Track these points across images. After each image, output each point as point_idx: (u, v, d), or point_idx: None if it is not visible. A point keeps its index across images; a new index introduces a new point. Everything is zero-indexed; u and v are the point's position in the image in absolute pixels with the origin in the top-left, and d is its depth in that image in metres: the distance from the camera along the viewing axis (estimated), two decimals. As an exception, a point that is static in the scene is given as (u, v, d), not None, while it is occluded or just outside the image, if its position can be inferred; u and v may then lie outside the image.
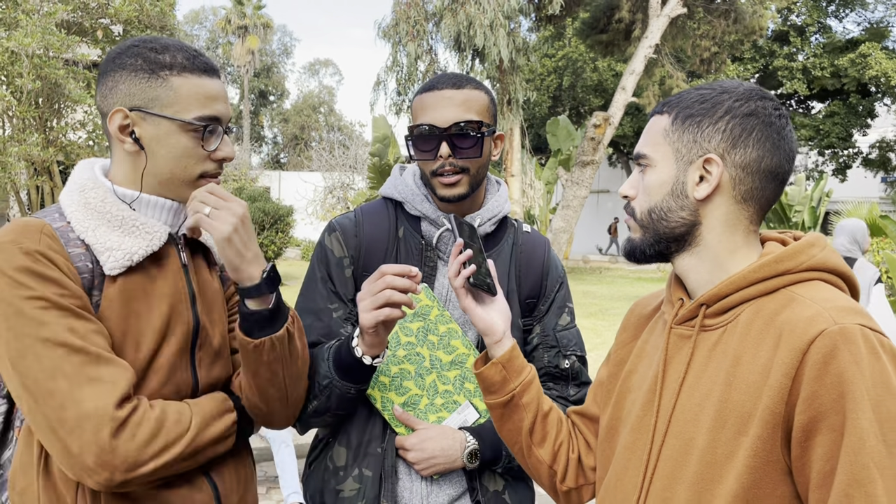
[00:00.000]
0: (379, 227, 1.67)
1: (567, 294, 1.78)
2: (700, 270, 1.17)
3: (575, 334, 1.75)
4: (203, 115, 1.30)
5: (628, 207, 1.23)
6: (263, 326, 1.33)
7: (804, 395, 0.97)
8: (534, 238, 1.78)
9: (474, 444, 1.58)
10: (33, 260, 1.18)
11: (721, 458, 1.04)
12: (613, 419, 1.28)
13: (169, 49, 1.30)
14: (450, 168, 1.58)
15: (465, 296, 1.39)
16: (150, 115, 1.28)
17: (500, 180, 1.78)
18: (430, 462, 1.56)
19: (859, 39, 24.40)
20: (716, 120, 1.12)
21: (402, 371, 1.61)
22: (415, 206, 1.66)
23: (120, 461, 1.15)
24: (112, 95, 1.29)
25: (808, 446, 0.98)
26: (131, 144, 1.29)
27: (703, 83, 1.19)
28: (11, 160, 10.40)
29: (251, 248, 1.30)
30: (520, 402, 1.36)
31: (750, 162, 1.11)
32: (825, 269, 1.11)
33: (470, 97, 1.60)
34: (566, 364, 1.70)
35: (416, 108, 1.62)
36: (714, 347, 1.11)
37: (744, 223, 1.14)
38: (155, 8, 12.66)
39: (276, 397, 1.40)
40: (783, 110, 1.14)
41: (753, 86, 1.15)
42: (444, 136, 1.56)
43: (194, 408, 1.30)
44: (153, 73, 1.28)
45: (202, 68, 1.31)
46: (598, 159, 12.79)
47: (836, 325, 0.98)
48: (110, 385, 1.17)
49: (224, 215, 1.28)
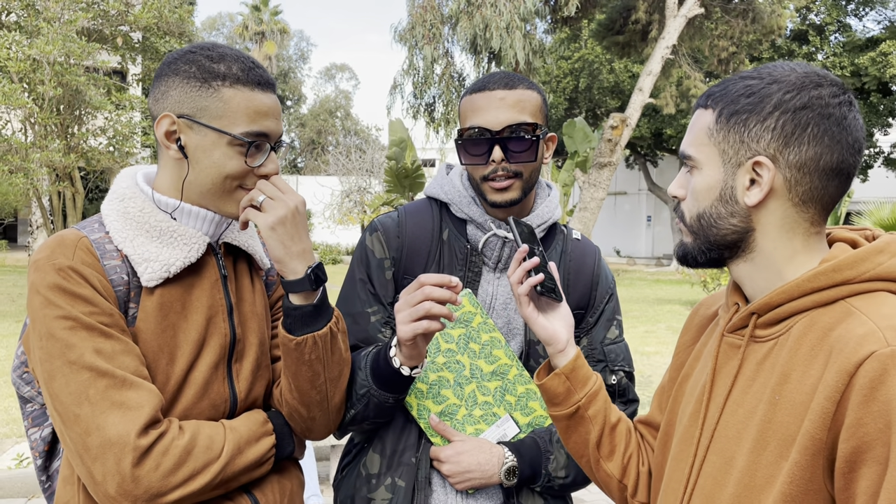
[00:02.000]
0: (422, 228, 1.61)
1: (616, 306, 1.69)
2: (756, 278, 1.07)
3: (623, 349, 1.66)
4: (250, 131, 1.26)
5: (678, 210, 1.14)
6: (307, 323, 1.31)
7: (848, 423, 0.88)
8: (584, 245, 1.69)
9: (513, 460, 1.52)
10: (65, 277, 1.17)
11: (760, 482, 0.97)
12: (668, 425, 1.23)
13: (225, 59, 1.27)
14: (503, 173, 1.51)
15: (528, 304, 1.31)
16: (197, 124, 1.25)
17: (551, 184, 1.71)
18: (465, 476, 1.50)
19: (879, 38, 24.10)
20: (764, 117, 1.01)
21: (441, 379, 1.55)
22: (461, 208, 1.59)
23: (142, 491, 1.14)
24: (163, 100, 1.27)
25: (852, 478, 0.89)
26: (175, 152, 1.27)
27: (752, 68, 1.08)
28: (33, 166, 10.54)
29: (299, 242, 1.28)
30: (585, 415, 1.28)
31: (806, 161, 0.99)
32: (894, 280, 0.98)
33: (523, 98, 1.52)
34: (613, 380, 1.62)
35: (466, 109, 1.55)
36: (763, 361, 1.03)
37: (803, 226, 1.03)
38: (174, 15, 12.78)
39: (317, 401, 1.37)
40: (845, 96, 1.01)
41: (808, 70, 1.02)
42: (497, 140, 1.49)
43: (229, 433, 1.26)
44: (205, 82, 1.25)
45: (256, 81, 1.28)
46: (616, 161, 12.74)
47: (889, 346, 0.88)
48: (135, 411, 1.15)
49: (276, 205, 1.26)
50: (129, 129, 12.79)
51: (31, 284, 1.20)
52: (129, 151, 13.05)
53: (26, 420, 1.37)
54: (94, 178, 15.13)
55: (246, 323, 1.37)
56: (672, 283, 19.86)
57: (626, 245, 30.68)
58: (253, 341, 1.38)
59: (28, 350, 1.24)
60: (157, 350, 1.25)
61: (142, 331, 1.24)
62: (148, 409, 1.16)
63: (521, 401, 1.58)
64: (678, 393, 1.22)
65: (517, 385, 1.57)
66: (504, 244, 1.58)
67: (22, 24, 11.04)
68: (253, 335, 1.38)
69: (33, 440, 1.36)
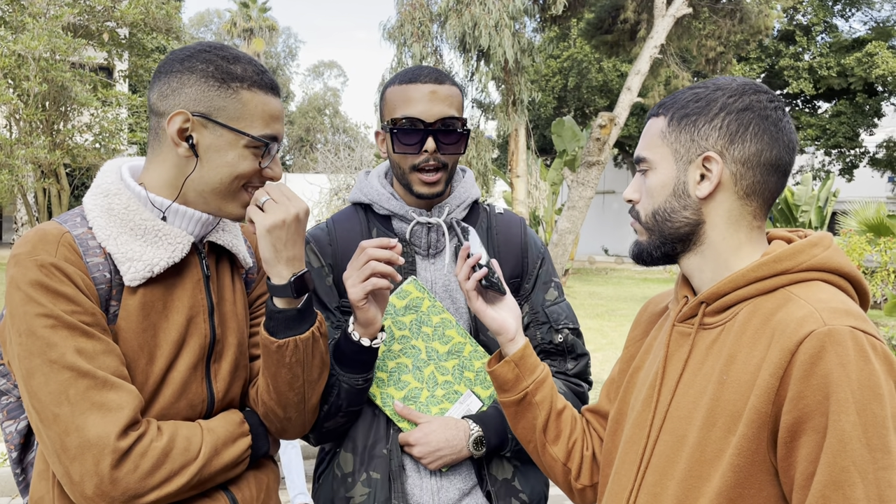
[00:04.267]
0: (352, 232, 1.68)
1: (550, 269, 1.76)
2: (705, 269, 1.17)
3: (565, 308, 1.74)
4: (265, 134, 1.28)
5: (633, 211, 1.23)
6: (289, 326, 1.31)
7: (791, 396, 0.97)
8: (508, 218, 1.77)
9: (478, 430, 1.57)
10: (47, 273, 1.16)
11: (710, 457, 1.05)
12: (619, 414, 1.29)
13: (241, 61, 1.28)
14: (434, 163, 1.58)
15: (476, 298, 1.40)
16: (213, 123, 1.25)
17: (464, 168, 1.79)
18: (435, 455, 1.54)
19: (866, 38, 24.28)
20: (711, 117, 1.13)
21: (399, 365, 1.60)
22: (382, 205, 1.67)
23: (120, 492, 1.14)
24: (175, 97, 1.25)
25: (793, 447, 0.98)
26: (185, 150, 1.25)
27: None
28: (18, 163, 10.44)
29: (291, 249, 1.28)
30: (533, 400, 1.37)
31: (749, 156, 1.11)
32: (827, 270, 1.10)
33: (451, 93, 1.60)
34: (559, 338, 1.69)
35: (396, 99, 1.60)
36: (712, 346, 1.12)
37: (747, 219, 1.14)
38: (161, 11, 12.69)
39: (294, 402, 1.38)
40: (778, 102, 1.14)
41: (747, 80, 1.16)
42: (431, 132, 1.56)
43: (206, 434, 1.26)
44: (224, 83, 1.25)
45: (269, 85, 1.30)
46: (604, 160, 12.77)
47: (826, 326, 0.97)
48: (116, 412, 1.15)
49: (278, 208, 1.26)
50: (116, 125, 12.68)
51: (10, 279, 1.18)
52: (116, 148, 12.95)
53: (1, 413, 1.36)
54: (79, 174, 15.01)
55: (226, 323, 1.37)
56: (659, 281, 19.95)
57: (615, 244, 30.78)
58: (232, 341, 1.37)
59: (3, 343, 1.23)
60: (137, 349, 1.24)
61: (123, 329, 1.23)
62: (128, 411, 1.16)
63: (480, 375, 1.64)
64: (629, 384, 1.30)
65: (473, 361, 1.63)
66: (429, 230, 1.65)
67: (7, 20, 10.94)
68: (232, 335, 1.38)
69: (8, 433, 1.35)
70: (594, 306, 13.99)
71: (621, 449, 1.23)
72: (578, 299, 15.08)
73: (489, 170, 15.07)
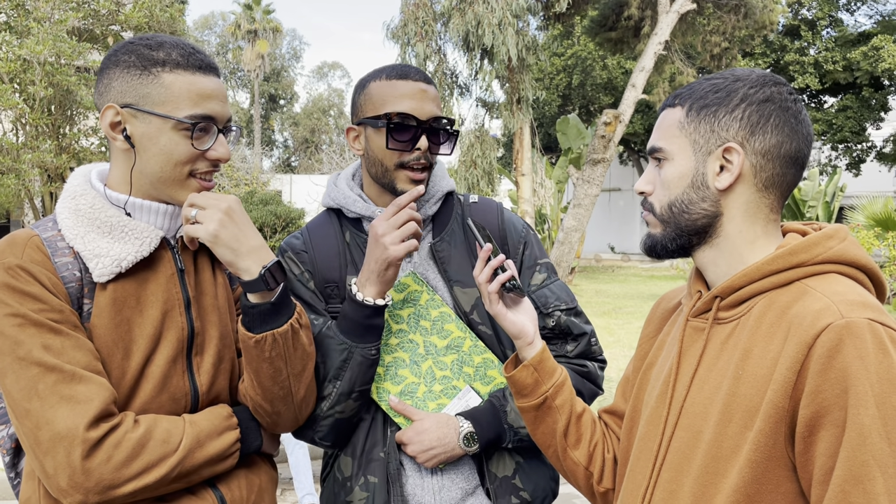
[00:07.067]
0: (327, 237, 1.66)
1: (536, 251, 1.70)
2: (720, 262, 1.15)
3: (555, 289, 1.66)
4: (195, 114, 1.27)
5: (646, 203, 1.21)
6: (266, 321, 1.31)
7: (808, 390, 0.96)
8: (483, 205, 1.73)
9: (468, 427, 1.54)
10: (13, 275, 1.18)
11: (726, 453, 1.03)
12: (633, 412, 1.28)
13: (164, 46, 1.27)
14: (423, 162, 1.56)
15: (497, 301, 1.36)
16: (140, 112, 1.26)
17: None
18: (429, 454, 1.53)
19: (871, 32, 24.15)
20: (732, 108, 1.11)
21: (397, 360, 1.58)
22: (350, 208, 1.65)
23: (93, 483, 1.14)
24: (107, 93, 1.28)
25: (812, 442, 0.96)
26: (122, 142, 1.27)
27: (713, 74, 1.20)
28: (25, 167, 10.47)
29: (245, 241, 1.28)
30: (553, 405, 1.34)
31: (770, 148, 1.10)
32: (843, 262, 1.08)
33: (437, 95, 1.60)
34: (551, 322, 1.63)
35: (386, 93, 1.56)
36: (727, 340, 1.10)
37: (764, 212, 1.13)
38: (165, 14, 12.71)
39: (280, 396, 1.37)
40: (797, 94, 1.13)
41: (765, 72, 1.15)
42: (424, 129, 1.54)
43: (188, 426, 1.26)
44: (145, 70, 1.26)
45: (197, 65, 1.29)
46: (609, 157, 12.74)
47: (843, 318, 0.96)
48: (84, 405, 1.16)
49: (209, 214, 1.26)
50: (121, 129, 12.71)
51: None
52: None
53: None
54: (86, 178, 15.04)
55: (206, 316, 1.37)
56: (666, 278, 19.90)
57: (621, 241, 30.71)
58: (213, 334, 1.37)
59: None
60: (112, 345, 1.25)
61: (96, 326, 1.24)
62: (97, 403, 1.17)
63: (480, 371, 1.60)
64: (643, 380, 1.28)
65: (473, 356, 1.59)
66: None
67: (12, 25, 10.97)
68: (213, 328, 1.37)
69: (0, 438, 1.37)
70: (601, 304, 13.97)
71: (636, 446, 1.21)
72: (585, 297, 15.05)
73: (494, 168, 15.05)
